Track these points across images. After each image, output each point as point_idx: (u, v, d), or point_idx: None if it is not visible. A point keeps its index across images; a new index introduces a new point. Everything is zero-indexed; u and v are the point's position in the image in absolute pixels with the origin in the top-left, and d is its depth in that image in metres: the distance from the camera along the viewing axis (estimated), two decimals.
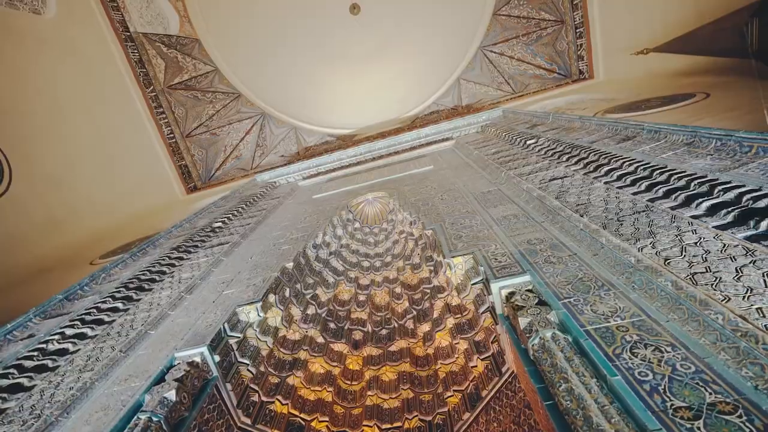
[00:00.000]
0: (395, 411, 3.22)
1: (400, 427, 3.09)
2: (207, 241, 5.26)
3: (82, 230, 8.27)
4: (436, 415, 3.05)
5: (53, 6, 9.20)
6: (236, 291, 3.34)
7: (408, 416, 3.11)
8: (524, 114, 7.29)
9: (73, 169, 8.78)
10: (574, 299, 2.01)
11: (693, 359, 1.47)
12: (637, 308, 1.83)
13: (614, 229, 2.54)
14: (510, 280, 2.36)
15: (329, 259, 4.42)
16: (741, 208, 2.29)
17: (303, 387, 3.25)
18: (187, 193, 12.76)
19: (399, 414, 3.18)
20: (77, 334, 3.26)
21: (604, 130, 4.67)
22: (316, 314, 3.79)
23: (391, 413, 3.23)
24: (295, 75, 15.10)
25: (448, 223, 3.55)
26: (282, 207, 6.25)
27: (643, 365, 1.50)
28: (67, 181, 8.47)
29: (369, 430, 3.08)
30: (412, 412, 3.14)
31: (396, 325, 3.90)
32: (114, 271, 4.61)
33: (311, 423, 3.04)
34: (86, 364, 2.78)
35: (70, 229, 8.01)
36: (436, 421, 3.03)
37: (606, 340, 1.68)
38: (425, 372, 3.43)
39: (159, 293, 3.83)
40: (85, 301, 3.90)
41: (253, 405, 2.89)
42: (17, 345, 3.24)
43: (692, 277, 1.87)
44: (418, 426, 3.04)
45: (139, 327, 3.09)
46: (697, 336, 1.57)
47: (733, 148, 2.96)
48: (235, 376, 2.80)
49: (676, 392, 1.36)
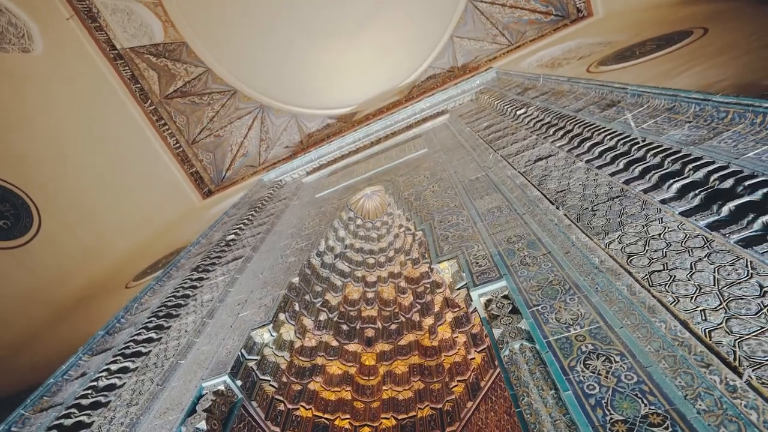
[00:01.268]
0: (409, 401, 3.53)
1: (414, 416, 3.40)
2: (222, 256, 5.60)
3: (113, 254, 8.86)
4: (445, 402, 3.34)
5: (39, 41, 9.39)
6: (250, 313, 3.65)
7: (420, 406, 3.42)
8: (516, 76, 7.08)
9: (94, 197, 9.28)
10: (541, 306, 2.15)
11: (637, 369, 1.62)
12: (596, 314, 1.96)
13: (587, 222, 2.61)
14: (488, 287, 2.51)
15: (335, 263, 4.66)
16: (708, 189, 2.31)
17: (324, 390, 3.59)
18: (203, 199, 13.20)
19: (412, 404, 3.49)
20: (121, 369, 3.69)
21: (591, 94, 4.55)
22: (328, 319, 4.09)
23: (405, 404, 3.55)
24: (287, 61, 14.93)
25: (437, 221, 3.67)
26: (288, 210, 6.49)
27: (592, 378, 1.66)
28: (91, 210, 8.99)
29: (387, 422, 3.42)
30: (423, 401, 3.44)
31: (403, 319, 4.16)
32: (144, 299, 5.04)
33: (334, 422, 3.40)
34: (132, 398, 3.19)
35: (103, 255, 8.60)
36: (446, 408, 3.32)
37: (564, 352, 1.83)
38: (434, 361, 3.70)
39: (185, 318, 4.21)
40: (123, 333, 4.34)
41: (280, 414, 3.26)
42: (74, 384, 3.71)
43: (649, 277, 1.97)
44: (430, 414, 3.35)
45: (171, 358, 3.47)
46: (644, 344, 1.70)
47: (711, 114, 2.89)
48: (259, 392, 3.15)
49: (617, 405, 1.52)
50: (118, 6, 12.13)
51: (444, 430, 3.17)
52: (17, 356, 6.29)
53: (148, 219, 10.55)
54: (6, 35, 8.83)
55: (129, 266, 8.45)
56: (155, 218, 10.80)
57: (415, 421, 3.35)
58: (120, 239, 9.28)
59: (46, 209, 7.96)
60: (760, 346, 1.46)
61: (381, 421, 3.44)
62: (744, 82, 3.50)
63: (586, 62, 6.82)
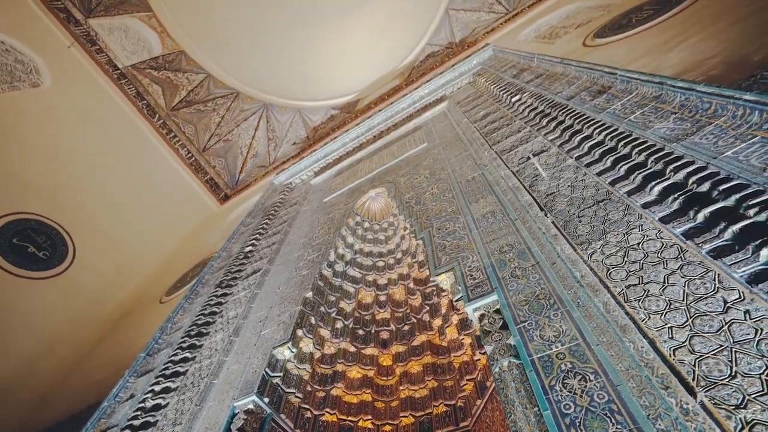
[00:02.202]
0: (425, 399, 3.80)
1: (431, 413, 3.67)
2: (242, 270, 5.93)
3: (144, 270, 9.43)
4: (458, 399, 3.59)
5: (46, 74, 9.74)
6: (270, 331, 3.95)
7: (435, 403, 3.68)
8: (512, 55, 6.95)
9: (118, 217, 9.80)
10: (528, 323, 2.30)
11: (608, 387, 1.77)
12: (576, 331, 2.10)
13: (572, 230, 2.70)
14: (481, 301, 2.67)
15: (346, 270, 4.90)
16: (686, 193, 2.36)
17: (346, 394, 3.90)
18: (221, 204, 13.64)
19: (428, 402, 3.76)
20: (163, 389, 4.09)
21: (583, 78, 4.49)
22: (344, 326, 4.36)
23: (422, 401, 3.82)
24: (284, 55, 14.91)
25: (435, 228, 3.81)
26: (299, 217, 6.73)
27: (569, 397, 1.82)
28: (117, 231, 9.53)
29: (406, 419, 3.70)
30: (438, 399, 3.70)
31: (415, 320, 4.38)
32: (177, 319, 5.45)
33: (358, 423, 3.71)
34: (176, 417, 3.57)
35: (134, 272, 9.17)
36: (459, 404, 3.57)
37: (546, 371, 1.99)
38: (445, 359, 3.93)
39: (214, 336, 4.58)
40: (161, 354, 4.75)
41: (308, 421, 3.58)
42: (125, 406, 4.15)
43: (625, 292, 2.08)
44: (444, 411, 3.61)
45: (205, 378, 3.83)
46: (616, 362, 1.84)
47: (695, 104, 2.87)
48: (286, 405, 3.47)
49: (588, 425, 1.69)
50: (114, 25, 12.32)
51: (458, 425, 3.42)
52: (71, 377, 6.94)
53: (171, 231, 11.07)
54: (15, 73, 9.20)
55: (160, 279, 9.00)
56: (178, 229, 11.31)
57: (432, 418, 3.62)
58: (148, 255, 9.83)
59: (78, 236, 8.51)
60: (717, 365, 1.58)
61: (400, 419, 3.73)
62: (734, 59, 3.41)
63: (584, 33, 6.62)
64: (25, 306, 7.20)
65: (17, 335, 6.99)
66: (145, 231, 10.19)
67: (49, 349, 7.15)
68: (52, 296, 7.48)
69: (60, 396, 6.53)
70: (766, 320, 1.61)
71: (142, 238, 10.01)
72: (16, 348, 6.93)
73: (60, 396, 6.53)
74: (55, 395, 6.59)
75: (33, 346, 7.02)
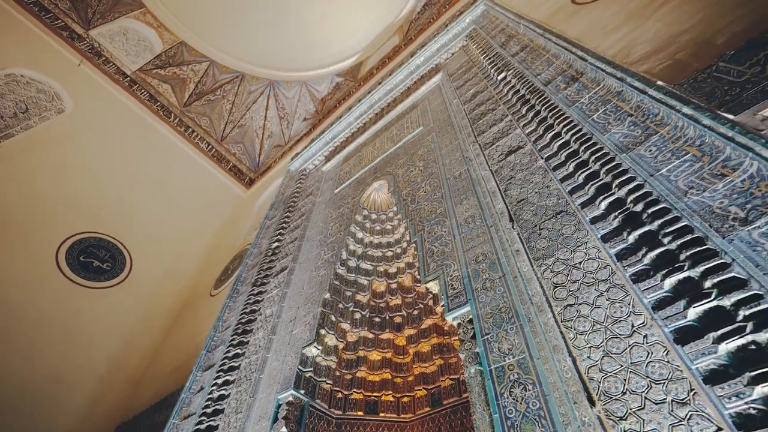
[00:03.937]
0: (435, 375, 4.51)
1: (439, 386, 4.39)
2: (272, 267, 6.71)
3: (191, 266, 10.58)
4: (461, 374, 4.25)
5: (67, 97, 10.40)
6: (299, 331, 4.70)
7: (442, 378, 4.37)
8: (502, 16, 6.72)
9: (158, 221, 10.84)
10: (490, 335, 2.80)
11: (540, 397, 2.28)
12: (525, 345, 2.57)
13: (533, 243, 3.06)
14: (458, 311, 3.17)
15: (359, 264, 5.50)
16: (625, 211, 2.64)
17: (369, 374, 4.67)
18: (247, 189, 14.45)
19: (437, 377, 4.46)
20: (224, 382, 5.06)
21: (561, 58, 4.48)
22: (362, 317, 5.05)
23: (432, 376, 4.53)
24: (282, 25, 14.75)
25: (426, 232, 4.24)
26: (315, 211, 7.32)
27: (512, 404, 2.35)
28: (162, 234, 10.61)
29: (420, 392, 4.45)
30: (444, 375, 4.38)
31: (422, 305, 4.99)
32: (225, 317, 6.40)
33: (381, 398, 4.50)
34: (237, 406, 4.51)
35: (183, 269, 10.33)
36: (462, 378, 4.23)
37: (499, 380, 2.52)
38: (449, 339, 4.56)
39: (257, 333, 5.45)
40: (218, 351, 5.73)
41: (340, 401, 4.41)
42: (197, 397, 5.20)
43: (563, 312, 2.50)
44: (450, 384, 4.30)
45: (254, 373, 4.71)
46: (548, 375, 2.32)
47: (648, 108, 3.00)
48: (320, 392, 4.28)
49: (523, 428, 2.23)
50: (113, 30, 12.62)
51: (461, 395, 4.11)
52: (152, 366, 8.35)
53: (207, 224, 12.07)
54: (41, 104, 9.94)
55: (206, 272, 10.13)
56: (213, 221, 12.29)
57: (440, 390, 4.33)
58: (191, 251, 10.95)
59: (131, 245, 9.64)
60: (615, 383, 2.03)
61: (416, 392, 4.48)
62: (703, 38, 3.35)
63: None
64: (102, 312, 8.55)
65: (102, 338, 8.42)
66: (183, 230, 11.24)
67: (130, 344, 8.58)
68: (123, 301, 8.77)
69: (148, 383, 7.98)
70: (657, 345, 2.02)
71: (182, 237, 11.08)
72: (105, 349, 8.39)
73: (148, 383, 7.98)
74: (144, 383, 8.06)
75: (117, 345, 8.46)
